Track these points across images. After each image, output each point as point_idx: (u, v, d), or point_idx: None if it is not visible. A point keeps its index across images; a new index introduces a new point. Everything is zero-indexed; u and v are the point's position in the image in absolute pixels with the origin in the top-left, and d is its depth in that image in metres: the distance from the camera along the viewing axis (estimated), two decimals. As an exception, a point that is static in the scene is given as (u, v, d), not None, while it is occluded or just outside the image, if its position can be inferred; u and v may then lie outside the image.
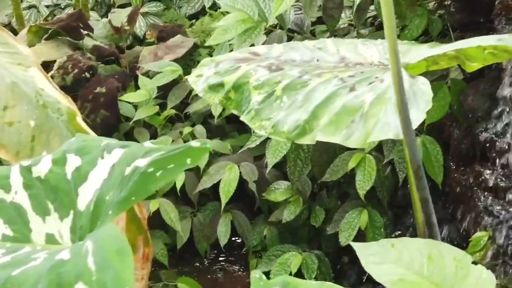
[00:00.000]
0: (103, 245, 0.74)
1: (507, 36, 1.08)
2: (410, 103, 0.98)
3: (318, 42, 1.24)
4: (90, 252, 0.72)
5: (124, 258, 0.71)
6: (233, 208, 2.42)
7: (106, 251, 0.73)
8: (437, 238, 0.94)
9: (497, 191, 1.86)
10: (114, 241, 0.74)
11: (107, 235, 0.75)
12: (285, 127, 1.07)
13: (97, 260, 0.71)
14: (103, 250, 0.73)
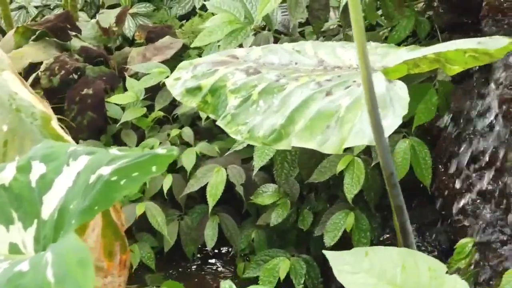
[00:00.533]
0: (63, 256, 0.72)
1: (487, 39, 1.06)
2: (386, 108, 0.96)
3: (297, 45, 1.22)
4: (50, 263, 0.70)
5: (85, 269, 0.69)
6: (221, 211, 2.39)
7: (66, 262, 0.71)
8: (412, 247, 0.92)
9: (485, 195, 1.84)
10: (75, 252, 0.72)
11: (68, 246, 0.73)
12: (261, 132, 1.05)
13: (57, 272, 0.69)
14: (63, 261, 0.71)
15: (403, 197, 2.19)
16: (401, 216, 0.90)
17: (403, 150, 2.01)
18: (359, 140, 0.93)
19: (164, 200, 2.41)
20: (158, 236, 2.35)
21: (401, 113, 0.95)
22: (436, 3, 2.02)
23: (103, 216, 1.23)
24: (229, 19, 2.05)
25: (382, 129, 0.86)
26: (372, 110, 0.83)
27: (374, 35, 2.09)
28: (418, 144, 2.02)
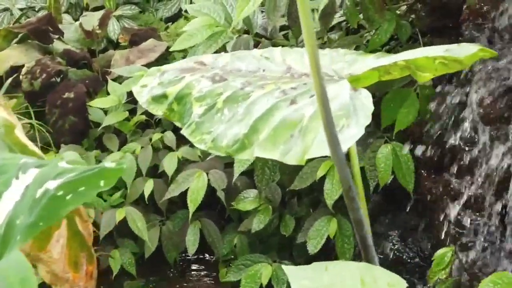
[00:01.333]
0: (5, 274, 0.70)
1: (455, 46, 1.03)
2: (350, 117, 0.94)
3: (266, 51, 1.19)
4: (-9, 282, 0.68)
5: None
6: (203, 216, 2.37)
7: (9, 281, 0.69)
8: (374, 261, 0.89)
9: (465, 201, 1.82)
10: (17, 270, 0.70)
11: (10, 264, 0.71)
12: (225, 141, 1.02)
13: (-3, 291, 0.67)
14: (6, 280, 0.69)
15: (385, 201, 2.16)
16: (361, 230, 0.87)
17: (385, 156, 1.99)
18: (322, 151, 0.91)
19: (146, 205, 2.38)
20: (140, 241, 2.32)
21: (364, 123, 0.92)
22: (417, 6, 2.00)
23: (68, 226, 1.20)
24: (209, 23, 2.02)
25: (337, 140, 0.83)
26: (326, 121, 0.80)
27: (355, 39, 2.07)
28: (400, 149, 2.00)
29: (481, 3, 1.73)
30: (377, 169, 1.99)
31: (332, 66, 1.10)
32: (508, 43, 1.66)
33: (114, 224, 2.25)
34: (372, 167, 2.03)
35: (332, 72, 1.08)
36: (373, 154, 2.03)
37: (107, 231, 2.25)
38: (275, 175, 2.12)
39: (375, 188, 2.07)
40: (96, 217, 2.28)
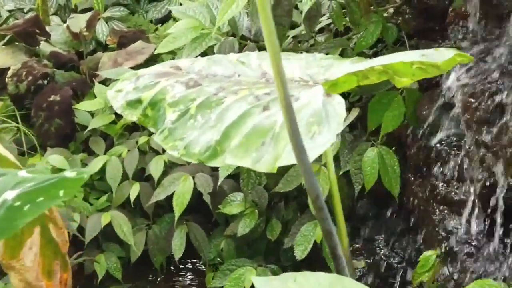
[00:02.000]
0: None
1: (432, 51, 1.01)
2: (322, 124, 0.92)
3: (242, 56, 1.17)
4: None
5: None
6: (190, 220, 2.35)
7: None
8: (344, 272, 0.87)
9: (451, 205, 1.80)
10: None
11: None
12: (197, 148, 1.00)
13: None
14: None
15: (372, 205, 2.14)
16: (330, 241, 0.85)
17: (371, 159, 1.97)
18: (292, 159, 0.89)
19: (133, 209, 2.36)
20: (126, 246, 2.30)
21: (336, 129, 0.90)
22: (404, 9, 1.98)
23: (41, 234, 1.18)
24: (194, 25, 2.00)
25: (303, 148, 0.81)
26: (291, 128, 0.78)
27: (342, 41, 2.05)
28: (386, 152, 1.98)
29: (466, 6, 1.72)
30: (363, 172, 1.97)
31: (307, 71, 1.08)
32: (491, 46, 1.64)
33: (99, 229, 2.23)
34: (358, 170, 2.01)
35: (308, 77, 1.06)
36: (359, 157, 2.01)
37: (92, 235, 2.23)
38: (261, 178, 2.10)
39: (361, 191, 2.05)
40: (81, 221, 2.26)
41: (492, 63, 1.61)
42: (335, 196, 1.09)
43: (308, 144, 0.90)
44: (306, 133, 0.91)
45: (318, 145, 0.89)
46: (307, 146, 0.90)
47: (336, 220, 1.11)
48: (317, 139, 0.90)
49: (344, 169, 2.05)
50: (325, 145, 0.89)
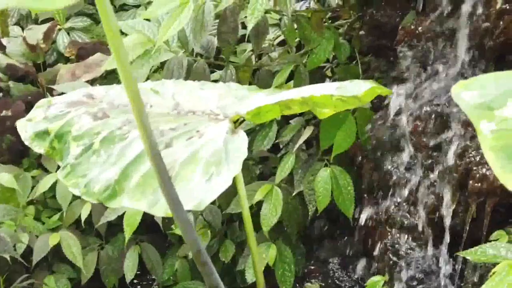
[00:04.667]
0: None
1: (346, 83, 0.96)
2: (221, 165, 0.86)
3: (157, 84, 1.11)
4: None
5: None
6: (144, 240, 2.28)
7: None
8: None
9: (402, 229, 1.75)
10: None
11: None
12: (97, 187, 0.94)
13: None
14: None
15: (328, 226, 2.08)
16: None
17: (324, 179, 1.90)
18: (188, 204, 0.83)
19: (86, 227, 2.29)
20: (77, 266, 2.23)
21: (235, 171, 0.84)
22: (357, 25, 1.92)
23: None
24: (141, 41, 1.93)
25: (177, 199, 0.75)
26: (160, 175, 0.72)
27: (296, 58, 1.99)
28: (340, 172, 1.92)
29: (416, 24, 1.66)
30: (316, 193, 1.91)
31: (220, 103, 1.02)
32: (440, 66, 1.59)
33: (48, 250, 2.16)
34: (311, 191, 1.95)
35: (219, 109, 1.00)
36: (312, 178, 1.94)
37: (40, 256, 2.15)
38: (213, 199, 2.03)
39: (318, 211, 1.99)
40: (31, 241, 2.19)
41: (440, 84, 1.55)
42: (250, 239, 1.03)
43: (205, 186, 0.84)
44: (204, 174, 0.85)
45: (215, 188, 0.83)
46: (203, 188, 0.84)
47: (252, 257, 1.05)
48: (214, 181, 0.84)
49: (298, 189, 1.99)
50: (222, 188, 0.83)
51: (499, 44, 1.42)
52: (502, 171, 0.50)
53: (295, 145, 2.00)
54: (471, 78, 0.54)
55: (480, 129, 0.52)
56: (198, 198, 0.82)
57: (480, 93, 0.52)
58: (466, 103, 0.52)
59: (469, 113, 0.51)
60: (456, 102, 0.52)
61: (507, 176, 0.50)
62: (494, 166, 0.50)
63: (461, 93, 0.53)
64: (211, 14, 1.73)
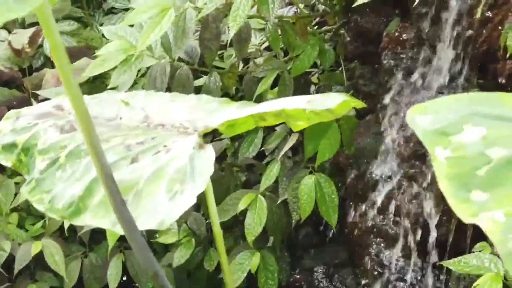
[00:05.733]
0: None
1: (318, 96, 0.93)
2: (185, 182, 0.83)
3: (129, 95, 1.08)
4: None
5: None
6: (128, 247, 2.25)
7: None
8: None
9: (387, 239, 1.72)
10: None
11: None
12: (61, 203, 0.91)
13: None
14: None
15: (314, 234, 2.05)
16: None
17: (309, 187, 1.88)
18: (148, 223, 0.80)
19: (70, 235, 2.26)
20: (61, 275, 2.20)
21: (200, 188, 0.81)
22: (341, 32, 1.90)
23: None
24: (124, 47, 1.91)
25: (131, 221, 0.72)
26: (112, 198, 0.69)
27: (280, 64, 1.97)
28: (324, 180, 1.89)
29: (400, 31, 1.64)
30: (300, 201, 1.88)
31: (190, 116, 0.99)
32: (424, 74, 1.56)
33: (30, 258, 2.13)
34: (295, 198, 1.92)
35: (188, 123, 0.97)
36: (297, 185, 1.92)
37: (22, 265, 2.12)
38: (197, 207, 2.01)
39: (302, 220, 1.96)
40: (13, 249, 2.16)
41: (423, 93, 1.53)
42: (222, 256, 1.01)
43: (168, 205, 0.81)
44: (167, 192, 0.82)
45: (178, 206, 0.80)
46: (166, 207, 0.81)
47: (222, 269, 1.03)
48: (177, 199, 0.81)
49: (282, 197, 1.96)
50: (186, 206, 0.80)
51: (482, 53, 1.40)
52: (456, 200, 0.47)
53: (280, 152, 1.98)
54: (427, 102, 0.51)
55: (435, 156, 0.49)
56: (161, 217, 0.79)
57: (436, 118, 0.50)
58: (421, 128, 0.49)
59: (424, 139, 0.49)
60: (411, 127, 0.50)
61: (460, 206, 0.47)
62: (447, 195, 0.48)
63: (416, 118, 0.50)
64: (193, 20, 1.71)
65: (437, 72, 1.52)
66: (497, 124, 0.50)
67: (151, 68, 1.91)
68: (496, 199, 0.47)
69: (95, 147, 0.62)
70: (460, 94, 0.53)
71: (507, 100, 0.53)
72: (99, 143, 0.64)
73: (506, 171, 0.48)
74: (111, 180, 0.66)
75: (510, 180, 0.48)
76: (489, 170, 0.48)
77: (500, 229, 0.45)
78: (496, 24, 1.32)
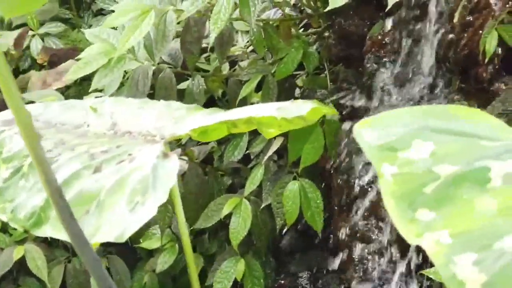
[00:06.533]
0: None
1: (287, 104, 0.91)
2: (147, 193, 0.81)
3: (97, 101, 1.06)
4: None
5: None
6: (113, 252, 2.23)
7: None
8: None
9: (370, 244, 1.70)
10: None
11: None
12: (23, 213, 0.89)
13: None
14: None
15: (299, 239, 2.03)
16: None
17: (293, 193, 1.86)
18: (107, 235, 0.78)
19: (53, 240, 2.24)
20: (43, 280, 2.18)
21: (161, 199, 0.79)
22: (326, 35, 1.88)
23: None
24: (106, 49, 1.88)
25: (81, 234, 0.70)
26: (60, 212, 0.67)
27: (264, 67, 1.95)
28: (309, 186, 1.87)
29: (383, 34, 1.61)
30: (284, 207, 1.86)
31: (157, 123, 0.96)
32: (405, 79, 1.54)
33: (12, 263, 2.10)
34: (280, 204, 1.90)
35: (155, 130, 0.95)
36: (281, 191, 1.90)
37: (4, 270, 2.10)
38: (179, 212, 1.98)
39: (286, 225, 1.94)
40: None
41: (404, 97, 1.51)
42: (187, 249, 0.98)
43: (128, 217, 0.79)
44: (128, 203, 0.80)
45: (138, 218, 0.78)
46: (127, 219, 0.79)
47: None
48: (138, 211, 0.78)
49: (266, 202, 1.94)
50: (146, 218, 0.78)
51: (463, 57, 1.37)
52: (401, 220, 0.45)
53: (265, 156, 1.95)
54: (376, 115, 0.49)
55: (381, 173, 0.47)
56: (120, 230, 0.77)
57: (384, 133, 0.48)
58: (368, 143, 0.47)
59: (370, 155, 0.47)
60: (358, 142, 0.48)
61: (407, 227, 0.45)
62: (392, 214, 0.45)
63: (363, 132, 0.48)
64: (174, 23, 1.68)
65: (418, 76, 1.50)
66: (448, 139, 0.48)
67: (133, 71, 1.88)
68: (443, 219, 0.45)
69: (40, 161, 0.60)
70: (412, 107, 0.51)
71: (461, 113, 0.51)
72: (43, 156, 0.61)
73: (454, 189, 0.46)
74: (57, 193, 0.64)
75: (457, 198, 0.45)
76: (436, 188, 0.46)
77: (443, 251, 0.43)
78: (477, 28, 1.30)
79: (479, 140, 0.47)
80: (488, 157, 0.46)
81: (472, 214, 0.43)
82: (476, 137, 0.48)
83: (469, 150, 0.47)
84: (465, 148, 0.47)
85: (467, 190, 0.45)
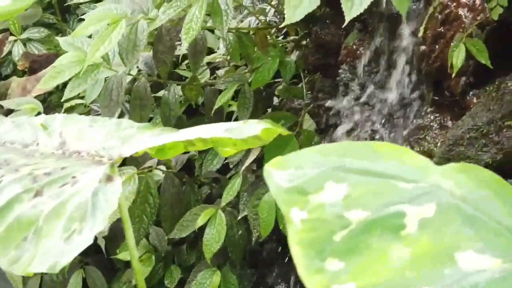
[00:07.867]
0: None
1: (239, 124, 0.87)
2: (85, 220, 0.77)
3: (48, 118, 1.02)
4: None
5: None
6: (91, 263, 2.19)
7: None
8: None
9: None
10: None
11: None
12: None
13: None
14: None
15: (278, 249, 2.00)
16: None
17: (268, 204, 1.82)
18: (41, 265, 0.74)
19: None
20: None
21: (98, 227, 0.75)
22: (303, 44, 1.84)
23: None
24: (79, 58, 1.85)
25: None
26: None
27: (241, 76, 1.91)
28: (286, 196, 1.83)
29: (358, 44, 1.58)
30: (260, 218, 1.82)
31: (105, 143, 0.93)
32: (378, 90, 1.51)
33: (-14, 274, 2.07)
34: (256, 215, 1.86)
35: (104, 151, 0.91)
36: (257, 202, 1.86)
37: (-21, 282, 2.06)
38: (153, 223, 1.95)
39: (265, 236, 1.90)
40: (-29, 265, 2.10)
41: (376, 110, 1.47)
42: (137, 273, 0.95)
43: (63, 246, 0.75)
44: (65, 231, 0.76)
45: (73, 248, 0.74)
46: (61, 249, 0.75)
47: None
48: (74, 240, 0.75)
49: (242, 213, 1.91)
50: (81, 247, 0.74)
51: (435, 69, 1.34)
52: (307, 271, 0.41)
53: (243, 166, 1.92)
54: (288, 155, 0.45)
55: (290, 218, 0.44)
56: (53, 260, 0.74)
57: (295, 173, 0.44)
58: (277, 185, 0.44)
59: (278, 199, 0.43)
60: (267, 184, 0.44)
61: (312, 278, 0.42)
62: (298, 264, 0.42)
63: (273, 173, 0.44)
64: (145, 33, 1.65)
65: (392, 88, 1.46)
66: (363, 180, 0.44)
67: (107, 80, 1.85)
68: (351, 270, 0.41)
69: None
70: (331, 144, 0.47)
71: (383, 150, 0.48)
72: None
73: (365, 236, 0.42)
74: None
75: (368, 247, 0.42)
76: (347, 235, 0.42)
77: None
78: (448, 40, 1.27)
79: (397, 182, 0.44)
80: (404, 201, 0.43)
81: (382, 265, 0.40)
82: (395, 178, 0.44)
83: (384, 193, 0.43)
84: (381, 190, 0.43)
85: (379, 238, 0.41)
